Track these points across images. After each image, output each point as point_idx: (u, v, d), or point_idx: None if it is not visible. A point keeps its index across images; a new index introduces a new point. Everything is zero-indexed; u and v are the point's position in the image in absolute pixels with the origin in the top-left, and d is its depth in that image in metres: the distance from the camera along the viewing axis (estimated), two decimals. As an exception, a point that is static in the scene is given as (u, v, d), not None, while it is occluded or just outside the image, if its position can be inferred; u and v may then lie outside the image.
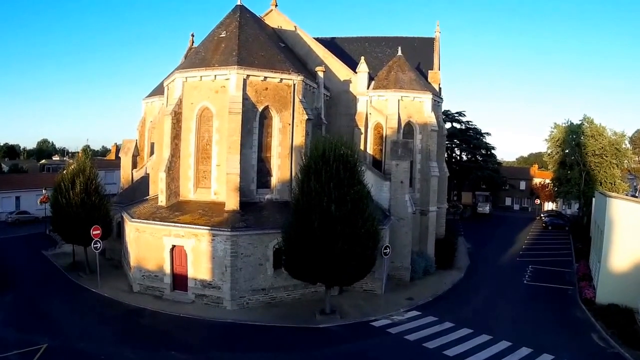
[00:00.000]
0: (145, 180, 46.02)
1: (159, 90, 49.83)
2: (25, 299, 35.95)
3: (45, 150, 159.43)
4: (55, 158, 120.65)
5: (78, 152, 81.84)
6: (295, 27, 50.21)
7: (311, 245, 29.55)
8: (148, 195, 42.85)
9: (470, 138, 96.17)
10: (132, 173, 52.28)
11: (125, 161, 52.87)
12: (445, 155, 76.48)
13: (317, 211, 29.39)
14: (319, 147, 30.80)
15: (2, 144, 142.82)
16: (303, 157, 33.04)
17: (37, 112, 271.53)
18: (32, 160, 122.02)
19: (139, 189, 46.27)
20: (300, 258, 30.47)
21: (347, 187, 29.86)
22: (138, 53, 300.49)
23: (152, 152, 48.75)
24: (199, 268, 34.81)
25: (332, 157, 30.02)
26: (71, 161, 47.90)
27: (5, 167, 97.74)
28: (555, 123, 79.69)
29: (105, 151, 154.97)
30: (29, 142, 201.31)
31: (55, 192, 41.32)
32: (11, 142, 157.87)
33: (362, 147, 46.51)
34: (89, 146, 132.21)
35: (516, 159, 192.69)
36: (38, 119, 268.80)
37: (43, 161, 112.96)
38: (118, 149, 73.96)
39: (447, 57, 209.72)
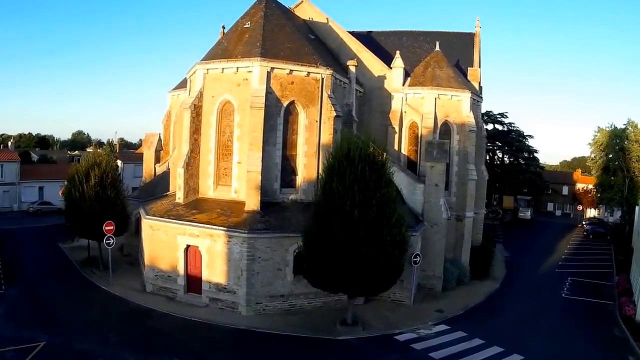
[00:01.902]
0: (167, 176, 44.46)
1: (184, 83, 48.10)
2: (32, 293, 34.94)
3: (79, 141, 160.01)
4: (90, 150, 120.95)
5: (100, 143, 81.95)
6: (327, 19, 47.81)
7: (331, 251, 27.17)
8: (169, 191, 41.23)
9: (512, 140, 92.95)
10: (154, 167, 50.86)
11: (148, 155, 51.48)
12: (487, 158, 73.89)
13: (339, 215, 27.03)
14: (344, 146, 28.47)
15: (34, 134, 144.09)
16: (328, 157, 30.69)
17: (75, 104, 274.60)
18: (64, 151, 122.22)
19: (160, 184, 44.75)
20: (320, 265, 28.11)
21: (373, 189, 27.40)
22: (177, 44, 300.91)
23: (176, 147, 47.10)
24: (213, 270, 32.87)
25: (358, 157, 27.62)
26: (100, 150, 46.49)
27: (35, 157, 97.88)
28: (598, 127, 76.87)
29: (140, 144, 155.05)
30: (65, 134, 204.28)
31: (69, 184, 39.95)
32: (47, 133, 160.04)
33: (396, 147, 44.24)
34: (122, 138, 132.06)
35: (560, 162, 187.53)
36: (76, 111, 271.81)
37: (76, 152, 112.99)
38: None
39: (489, 55, 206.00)
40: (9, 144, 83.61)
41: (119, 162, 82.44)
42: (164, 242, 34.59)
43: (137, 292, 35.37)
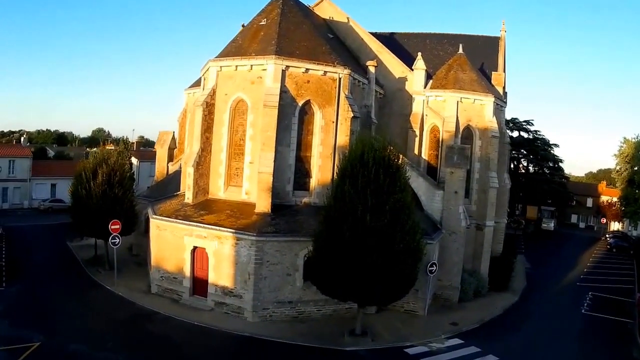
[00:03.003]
0: (179, 175, 43.53)
1: (200, 81, 47.20)
2: (32, 291, 34.29)
3: (98, 138, 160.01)
4: (110, 147, 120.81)
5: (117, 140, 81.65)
6: (347, 18, 46.53)
7: (341, 258, 25.83)
8: (180, 190, 40.29)
9: (537, 149, 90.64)
10: (167, 166, 49.99)
11: (161, 153, 50.69)
12: (511, 166, 71.85)
13: (350, 220, 25.72)
14: (358, 148, 27.14)
15: (52, 131, 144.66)
16: (342, 159, 29.41)
17: (99, 102, 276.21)
18: (83, 148, 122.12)
19: (172, 184, 43.87)
20: (329, 272, 26.76)
21: (386, 194, 26.04)
22: (202, 41, 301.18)
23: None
24: (220, 273, 31.77)
25: (372, 159, 26.27)
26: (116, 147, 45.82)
27: (51, 154, 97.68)
28: (624, 137, 74.50)
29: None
30: (87, 132, 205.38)
31: (76, 181, 39.17)
32: (67, 130, 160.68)
33: (416, 152, 42.89)
34: (142, 136, 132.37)
35: (585, 174, 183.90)
36: (99, 109, 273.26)
37: (94, 149, 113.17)
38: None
39: (516, 62, 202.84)
40: (22, 139, 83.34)
41: (135, 161, 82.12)
42: (170, 242, 33.65)
43: (142, 294, 34.49)
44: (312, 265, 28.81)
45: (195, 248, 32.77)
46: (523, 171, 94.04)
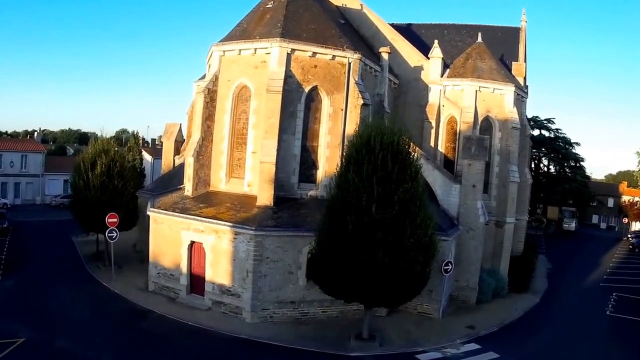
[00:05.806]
0: (183, 167, 41.70)
1: (210, 72, 45.38)
2: (27, 286, 33.13)
3: (120, 138, 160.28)
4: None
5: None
6: (361, 5, 44.36)
7: (344, 254, 23.56)
8: (183, 183, 38.39)
9: (559, 147, 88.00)
10: (174, 159, 48.20)
11: (167, 146, 48.89)
12: (532, 165, 69.32)
13: (354, 212, 23.44)
14: (365, 133, 24.91)
15: (74, 130, 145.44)
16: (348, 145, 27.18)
17: (124, 104, 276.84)
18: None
19: (177, 177, 41.76)
20: (331, 269, 24.50)
21: (395, 183, 23.66)
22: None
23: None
24: (218, 270, 29.84)
25: (379, 145, 23.99)
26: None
27: (71, 152, 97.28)
28: None
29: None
30: (112, 132, 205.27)
31: (75, 173, 37.72)
32: (90, 130, 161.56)
33: (432, 144, 40.91)
34: (162, 136, 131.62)
35: (605, 176, 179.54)
36: (124, 111, 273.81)
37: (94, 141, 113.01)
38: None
39: (537, 57, 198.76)
40: (35, 135, 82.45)
41: (149, 158, 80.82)
42: (167, 237, 31.88)
43: (139, 291, 32.82)
44: (313, 262, 26.64)
45: (192, 243, 30.98)
46: (544, 171, 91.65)
